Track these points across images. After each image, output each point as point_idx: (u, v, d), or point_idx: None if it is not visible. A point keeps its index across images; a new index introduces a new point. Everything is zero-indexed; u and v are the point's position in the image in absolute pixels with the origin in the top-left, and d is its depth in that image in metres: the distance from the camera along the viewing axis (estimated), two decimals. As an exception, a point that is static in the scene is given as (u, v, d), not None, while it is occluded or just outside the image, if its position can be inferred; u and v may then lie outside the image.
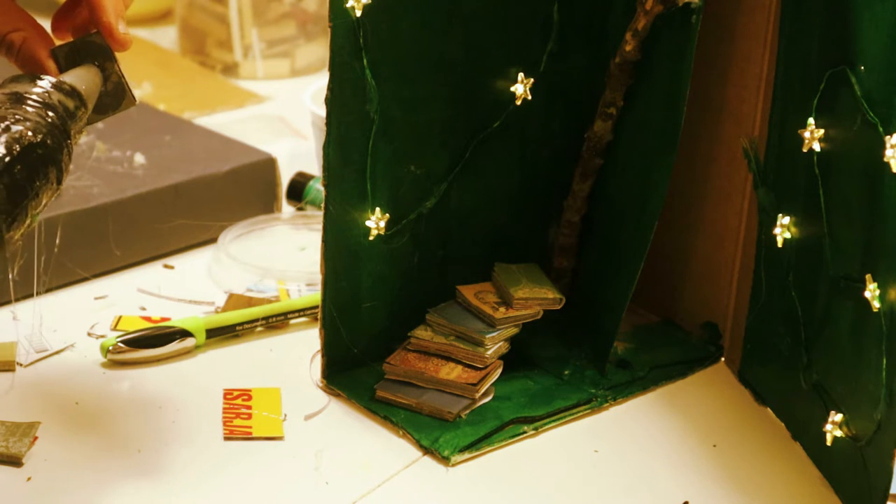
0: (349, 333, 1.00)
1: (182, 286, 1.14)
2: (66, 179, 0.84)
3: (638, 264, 0.99)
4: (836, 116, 0.88)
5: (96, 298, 1.11)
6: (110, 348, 1.02)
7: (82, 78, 0.88)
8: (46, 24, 0.92)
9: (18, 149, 0.79)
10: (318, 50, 1.61)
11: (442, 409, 0.96)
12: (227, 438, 0.95)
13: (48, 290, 1.11)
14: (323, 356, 1.00)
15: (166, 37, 1.71)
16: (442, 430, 0.95)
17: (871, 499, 0.84)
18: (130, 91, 0.91)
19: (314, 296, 1.08)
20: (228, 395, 0.99)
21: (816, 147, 0.90)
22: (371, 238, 0.98)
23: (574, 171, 1.05)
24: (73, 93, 0.85)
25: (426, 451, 0.94)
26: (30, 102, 0.82)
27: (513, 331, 1.00)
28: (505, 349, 1.00)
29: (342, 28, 0.93)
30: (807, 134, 0.90)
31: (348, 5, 0.92)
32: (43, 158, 0.81)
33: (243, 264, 1.14)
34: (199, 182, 1.18)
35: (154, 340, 1.03)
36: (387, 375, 0.99)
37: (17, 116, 0.81)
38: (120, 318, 1.08)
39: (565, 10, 1.01)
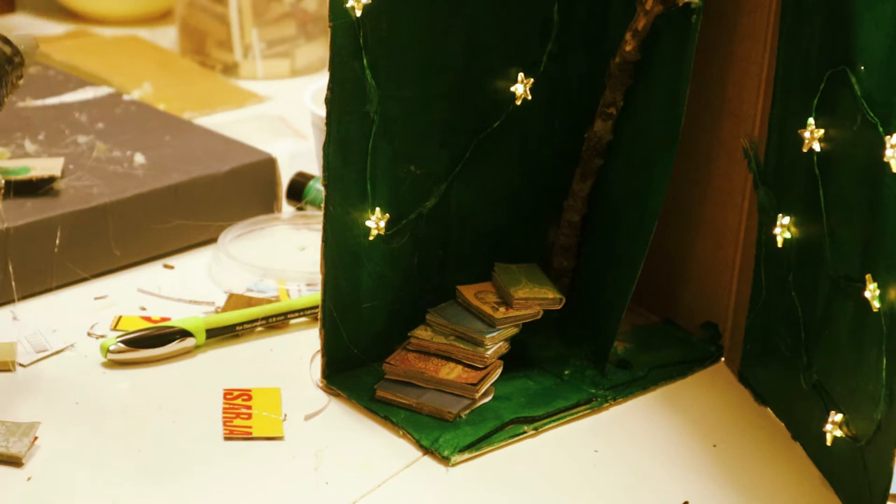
0: (349, 333, 1.00)
1: (182, 286, 1.14)
2: (2, 108, 0.97)
3: (638, 264, 0.99)
4: (836, 116, 0.88)
5: (96, 298, 1.11)
6: (110, 348, 1.02)
7: (18, 37, 0.99)
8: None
9: None
10: (318, 50, 1.61)
11: (442, 409, 0.96)
12: (227, 438, 0.95)
13: (48, 290, 1.11)
14: (323, 356, 1.00)
15: (166, 37, 1.71)
16: (442, 430, 0.95)
17: (871, 499, 0.84)
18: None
19: (314, 296, 1.08)
20: (228, 395, 0.99)
21: (816, 147, 0.90)
22: (371, 238, 0.98)
23: (574, 171, 1.05)
24: (7, 41, 0.97)
25: (426, 451, 0.94)
26: None
27: (513, 331, 1.00)
28: (505, 349, 1.00)
29: (342, 28, 0.93)
30: (807, 134, 0.90)
31: (348, 5, 0.92)
32: None
33: (243, 264, 1.14)
34: (198, 182, 1.18)
35: (154, 340, 1.03)
36: (387, 375, 0.99)
37: None
38: (120, 318, 1.08)
39: (565, 10, 1.01)
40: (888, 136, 0.80)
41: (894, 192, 0.81)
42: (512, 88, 1.01)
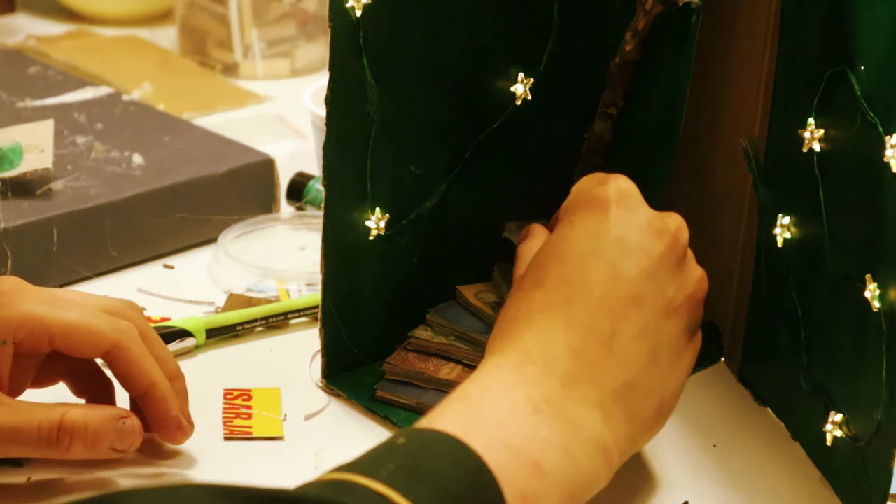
0: (349, 333, 1.00)
1: (182, 286, 1.14)
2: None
3: (638, 264, 0.99)
4: (836, 116, 0.88)
5: (96, 298, 1.11)
6: (110, 348, 1.01)
7: None
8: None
9: None
10: (318, 50, 1.61)
11: (442, 409, 0.96)
12: (227, 438, 0.95)
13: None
14: (323, 356, 1.00)
15: (166, 37, 1.71)
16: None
17: (871, 499, 0.84)
18: None
19: (314, 296, 1.08)
20: (228, 395, 0.99)
21: (816, 147, 0.90)
22: (371, 238, 0.98)
23: (574, 171, 1.05)
24: None
25: (426, 451, 0.94)
26: None
27: (513, 331, 1.00)
28: (505, 349, 1.00)
29: (342, 28, 0.93)
30: (807, 134, 0.90)
31: (348, 5, 0.92)
32: None
33: (243, 264, 1.14)
34: (196, 182, 1.18)
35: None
36: (387, 375, 0.99)
37: None
38: (120, 318, 1.08)
39: (565, 10, 1.01)
40: (888, 136, 0.80)
41: (894, 192, 0.81)
42: (512, 88, 1.01)
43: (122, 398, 0.93)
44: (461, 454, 0.75)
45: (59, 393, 0.94)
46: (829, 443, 0.88)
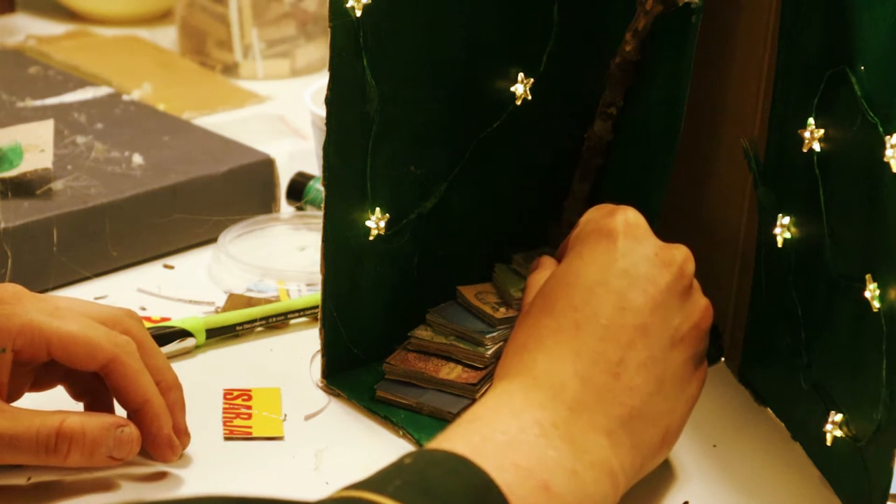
0: (349, 333, 1.00)
1: (182, 286, 1.14)
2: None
3: (638, 264, 0.99)
4: (836, 116, 0.88)
5: (96, 298, 1.11)
6: (110, 348, 1.01)
7: None
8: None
9: None
10: (318, 50, 1.61)
11: (442, 409, 0.96)
12: (227, 438, 0.95)
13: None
14: (323, 356, 1.00)
15: (166, 37, 1.71)
16: (442, 431, 0.95)
17: (871, 499, 0.84)
18: None
19: (314, 296, 1.08)
20: (228, 395, 0.99)
21: (816, 147, 0.90)
22: (371, 238, 0.98)
23: (574, 171, 1.05)
24: None
25: (426, 451, 0.94)
26: None
27: (513, 331, 1.00)
28: (505, 349, 1.00)
29: (342, 28, 0.93)
30: (807, 134, 0.90)
31: (348, 5, 0.92)
32: None
33: (243, 264, 1.14)
34: (196, 182, 1.18)
35: (154, 340, 1.02)
36: (387, 375, 0.99)
37: None
38: (120, 318, 1.08)
39: (565, 10, 1.01)
40: (888, 137, 0.80)
41: (894, 192, 0.81)
42: (512, 88, 1.01)
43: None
44: (470, 473, 0.75)
45: (58, 396, 0.94)
46: (829, 443, 0.88)
